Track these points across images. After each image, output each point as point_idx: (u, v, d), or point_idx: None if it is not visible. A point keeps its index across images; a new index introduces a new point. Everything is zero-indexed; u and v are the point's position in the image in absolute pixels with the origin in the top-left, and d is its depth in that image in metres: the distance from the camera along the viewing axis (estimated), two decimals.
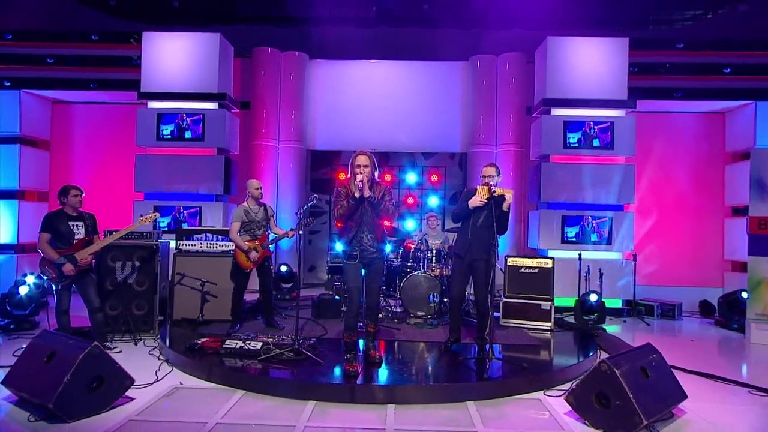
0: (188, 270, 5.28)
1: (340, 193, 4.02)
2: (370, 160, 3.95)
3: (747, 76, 7.16)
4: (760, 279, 5.48)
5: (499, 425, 3.20)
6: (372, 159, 3.98)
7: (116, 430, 3.01)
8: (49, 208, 7.48)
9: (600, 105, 7.03)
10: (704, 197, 7.87)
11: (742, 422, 3.40)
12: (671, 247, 7.86)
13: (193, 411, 3.34)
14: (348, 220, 3.98)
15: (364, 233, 3.95)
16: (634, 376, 3.17)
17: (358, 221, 3.94)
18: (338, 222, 4.39)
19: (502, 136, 8.15)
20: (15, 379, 3.31)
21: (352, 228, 3.96)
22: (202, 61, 7.05)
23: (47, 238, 4.27)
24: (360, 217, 3.94)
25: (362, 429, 3.15)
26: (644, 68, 7.27)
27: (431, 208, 8.11)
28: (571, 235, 6.95)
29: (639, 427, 2.98)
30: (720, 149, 7.89)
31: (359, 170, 3.89)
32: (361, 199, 3.88)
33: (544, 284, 5.63)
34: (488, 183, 4.25)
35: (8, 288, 5.42)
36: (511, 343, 4.82)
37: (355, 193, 3.89)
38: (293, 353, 4.10)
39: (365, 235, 3.96)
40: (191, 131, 7.01)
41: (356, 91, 8.52)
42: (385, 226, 4.24)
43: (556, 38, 7.16)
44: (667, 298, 7.08)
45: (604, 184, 6.91)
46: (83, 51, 7.16)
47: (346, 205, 3.94)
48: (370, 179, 3.95)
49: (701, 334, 6.10)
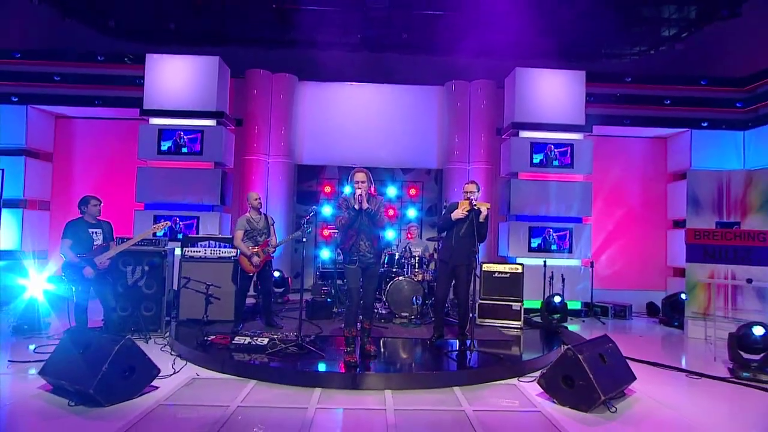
0: (193, 274, 5.49)
1: (341, 206, 4.39)
2: (367, 176, 4.33)
3: (683, 107, 7.89)
4: (696, 282, 6.13)
5: (482, 405, 3.61)
6: (368, 175, 4.36)
7: (149, 412, 3.28)
8: (50, 217, 7.53)
9: (562, 129, 7.65)
10: (650, 211, 8.48)
11: (680, 399, 3.94)
12: (623, 255, 8.42)
13: (214, 397, 3.62)
14: (348, 229, 4.31)
15: (362, 241, 4.29)
16: (594, 360, 3.65)
17: (356, 230, 4.28)
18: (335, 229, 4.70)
19: (475, 155, 8.55)
20: (52, 369, 3.52)
21: (351, 236, 4.29)
22: (202, 82, 7.31)
23: (69, 244, 4.47)
24: (358, 226, 4.28)
25: (366, 409, 3.51)
26: (599, 98, 7.91)
27: (410, 220, 8.47)
28: (537, 244, 7.50)
29: (597, 402, 3.46)
30: (663, 169, 8.55)
31: (358, 186, 4.26)
32: (359, 210, 4.26)
33: (515, 288, 6.14)
34: (469, 198, 4.73)
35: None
36: (487, 339, 5.23)
37: (354, 205, 4.28)
38: (297, 348, 4.44)
39: (363, 243, 4.29)
40: (189, 146, 7.23)
41: (341, 110, 8.82)
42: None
43: (523, 69, 7.77)
44: (620, 300, 7.62)
45: (566, 199, 7.49)
46: (89, 70, 7.30)
47: (347, 216, 4.30)
48: (368, 193, 4.34)
49: (648, 331, 6.69)
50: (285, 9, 8.82)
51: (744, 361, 4.39)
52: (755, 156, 7.58)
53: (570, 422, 3.30)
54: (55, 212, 7.66)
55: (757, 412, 3.71)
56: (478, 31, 8.84)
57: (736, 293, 5.79)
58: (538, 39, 8.62)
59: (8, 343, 5.01)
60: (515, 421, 3.42)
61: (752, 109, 7.71)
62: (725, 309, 5.76)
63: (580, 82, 7.72)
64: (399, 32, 9.61)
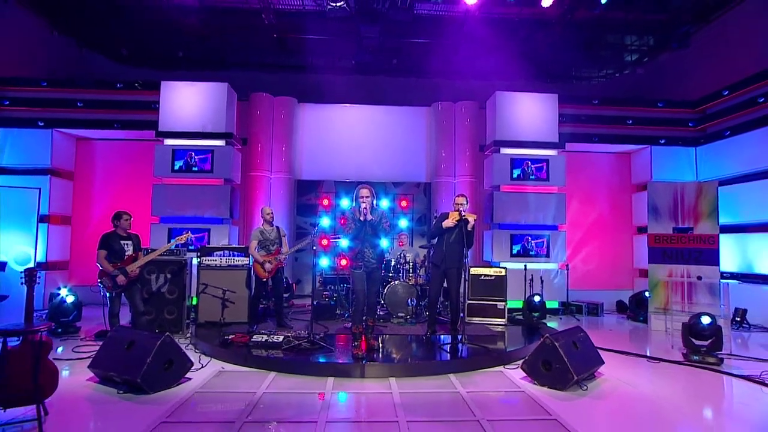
0: (210, 281, 5.88)
1: (349, 218, 4.83)
2: (370, 191, 4.76)
3: (644, 126, 8.49)
4: (657, 281, 6.71)
5: (474, 388, 4.07)
6: (372, 190, 4.80)
7: (188, 398, 3.67)
8: (72, 231, 7.81)
9: (538, 146, 8.20)
10: (617, 219, 9.01)
11: (641, 380, 4.43)
12: (594, 259, 8.90)
13: (241, 386, 4.02)
14: (355, 239, 4.77)
15: (366, 248, 4.74)
16: (568, 347, 4.15)
17: (362, 239, 4.73)
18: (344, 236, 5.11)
19: (460, 169, 9.03)
20: (100, 363, 3.90)
21: (357, 245, 4.74)
22: (212, 106, 7.71)
23: (104, 255, 4.85)
24: (363, 236, 4.74)
25: (375, 393, 3.93)
26: (570, 118, 8.45)
27: (401, 230, 8.92)
28: (518, 250, 8.02)
29: (571, 382, 3.96)
30: (628, 181, 9.11)
31: (363, 200, 4.72)
32: (364, 221, 4.72)
33: (499, 289, 6.64)
34: (459, 209, 5.23)
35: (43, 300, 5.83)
36: (475, 334, 5.68)
37: (360, 217, 4.73)
38: (309, 344, 4.85)
39: (367, 250, 4.74)
40: (199, 165, 7.61)
41: (337, 129, 9.23)
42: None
43: (503, 93, 8.33)
44: (592, 299, 8.11)
45: (542, 209, 8.01)
46: (109, 96, 7.65)
47: (354, 227, 4.74)
48: (371, 206, 4.78)
49: (617, 326, 7.21)
50: (285, 37, 9.35)
51: (695, 347, 4.94)
52: (705, 169, 8.23)
53: (548, 399, 3.78)
54: (76, 226, 7.96)
55: (703, 388, 4.24)
56: (461, 56, 9.45)
57: (691, 289, 6.37)
58: (516, 63, 9.19)
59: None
60: (503, 400, 3.88)
61: (702, 128, 8.38)
62: (682, 303, 6.33)
63: (554, 104, 8.31)
64: (390, 58, 10.20)
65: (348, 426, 3.31)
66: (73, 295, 5.64)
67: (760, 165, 7.07)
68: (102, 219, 7.89)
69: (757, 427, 3.39)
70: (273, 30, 8.99)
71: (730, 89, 7.69)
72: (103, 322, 4.99)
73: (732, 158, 7.65)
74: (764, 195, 6.99)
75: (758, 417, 3.57)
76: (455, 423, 3.33)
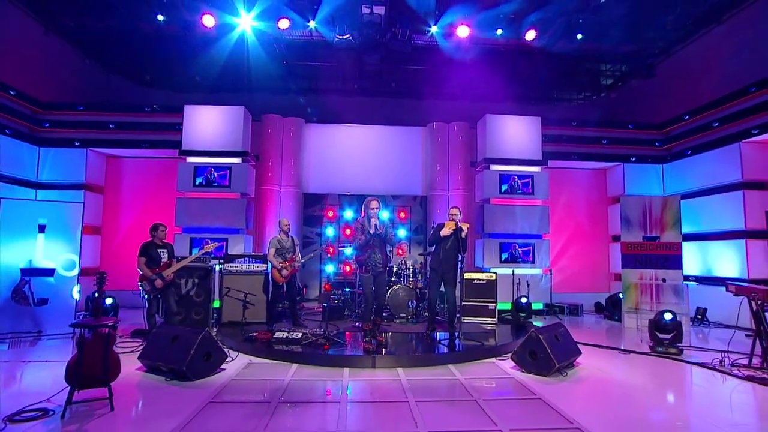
0: (232, 285, 6.33)
1: (358, 228, 5.26)
2: (378, 203, 5.22)
3: (617, 146, 9.11)
4: (630, 284, 7.25)
5: (470, 375, 4.54)
6: (379, 202, 5.28)
7: (226, 384, 4.11)
8: (102, 240, 8.21)
9: (523, 163, 8.75)
10: (595, 228, 9.57)
11: (613, 368, 4.94)
12: (575, 264, 9.42)
13: (269, 375, 4.46)
14: (364, 247, 5.19)
15: (375, 254, 5.21)
16: (551, 339, 4.65)
17: (371, 246, 5.19)
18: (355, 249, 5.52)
19: (453, 183, 9.48)
20: (148, 354, 4.33)
21: (367, 252, 5.19)
22: (230, 127, 8.20)
23: (144, 261, 5.29)
24: (372, 245, 5.20)
25: (386, 380, 4.39)
26: (552, 138, 9.04)
27: (400, 239, 9.37)
28: (506, 257, 8.54)
29: (553, 369, 4.45)
30: (604, 195, 9.70)
31: (373, 210, 5.16)
32: (373, 233, 5.18)
33: (490, 291, 7.16)
34: (454, 219, 5.73)
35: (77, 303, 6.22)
36: (470, 331, 6.15)
37: (369, 230, 5.16)
38: (325, 339, 5.32)
39: (375, 256, 5.21)
40: (218, 181, 8.07)
41: (341, 147, 9.69)
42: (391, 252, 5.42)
43: (492, 115, 8.90)
44: (573, 300, 8.59)
45: (528, 220, 8.53)
46: (138, 119, 8.12)
47: (363, 237, 5.15)
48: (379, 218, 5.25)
49: (595, 325, 7.72)
50: (294, 64, 9.91)
51: (659, 339, 5.49)
52: (671, 184, 8.86)
53: (534, 383, 4.27)
54: (105, 236, 8.37)
55: (665, 374, 4.76)
56: (453, 81, 10.04)
57: (658, 291, 6.93)
58: (503, 87, 9.79)
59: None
60: (495, 384, 4.37)
61: (667, 148, 9.03)
62: (650, 303, 6.89)
63: (537, 126, 8.91)
64: (389, 82, 10.81)
65: (366, 405, 3.77)
66: (111, 298, 6.04)
67: (717, 181, 7.71)
68: (129, 229, 8.32)
69: (707, 405, 3.92)
70: (283, 57, 9.56)
71: (690, 114, 8.36)
72: (136, 322, 5.40)
73: (693, 175, 8.29)
74: (721, 207, 7.62)
75: (710, 396, 4.11)
76: (456, 402, 3.81)
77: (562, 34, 8.35)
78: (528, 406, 3.72)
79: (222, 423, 3.27)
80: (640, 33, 8.47)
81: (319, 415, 3.53)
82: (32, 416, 3.22)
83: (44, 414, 3.27)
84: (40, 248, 5.64)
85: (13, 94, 7.11)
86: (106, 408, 3.42)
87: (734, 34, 7.80)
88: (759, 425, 3.45)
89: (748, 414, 3.67)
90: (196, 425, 3.20)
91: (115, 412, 3.38)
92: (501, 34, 8.26)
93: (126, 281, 6.51)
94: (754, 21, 7.43)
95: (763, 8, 7.28)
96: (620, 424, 3.37)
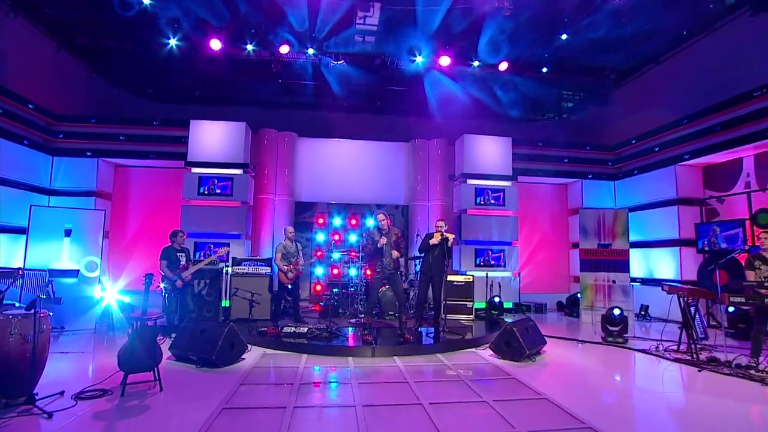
0: (240, 285, 6.79)
1: (367, 238, 5.87)
2: (385, 216, 5.89)
3: (576, 164, 10.09)
4: (586, 285, 8.19)
5: (456, 361, 5.24)
6: (386, 214, 5.93)
7: (251, 370, 4.63)
8: (109, 244, 8.45)
9: (496, 178, 9.55)
10: (557, 236, 10.50)
11: (571, 355, 5.77)
12: (540, 268, 10.28)
13: (285, 363, 5.01)
14: (375, 253, 5.81)
15: (385, 259, 5.80)
16: (522, 331, 5.39)
17: (381, 252, 5.77)
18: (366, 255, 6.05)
19: (433, 195, 10.16)
20: (178, 345, 4.81)
21: (378, 256, 5.80)
22: (232, 141, 8.63)
23: (166, 264, 5.73)
24: (381, 251, 5.78)
25: (386, 366, 5.01)
26: (521, 156, 9.90)
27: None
28: (481, 261, 9.32)
29: (524, 355, 5.19)
30: (565, 207, 10.65)
31: (381, 222, 5.79)
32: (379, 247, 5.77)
33: (468, 292, 7.91)
34: (440, 230, 6.43)
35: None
36: (451, 327, 6.79)
37: (378, 239, 5.76)
38: (328, 333, 5.90)
39: (386, 260, 5.80)
40: (221, 190, 8.48)
41: (330, 160, 10.22)
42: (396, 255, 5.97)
43: (469, 135, 9.69)
44: (538, 300, 9.45)
45: (500, 228, 9.33)
46: (147, 131, 8.44)
47: (372, 247, 5.78)
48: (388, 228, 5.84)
49: (557, 321, 8.59)
50: (288, 82, 10.43)
51: (609, 331, 6.37)
52: (621, 199, 9.91)
53: (508, 367, 5.00)
54: (112, 240, 8.60)
55: (613, 358, 5.61)
56: (434, 101, 10.78)
57: (610, 291, 7.89)
58: (478, 107, 10.62)
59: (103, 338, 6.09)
60: (475, 368, 5.07)
61: (619, 167, 10.11)
62: (603, 301, 7.83)
63: (508, 145, 9.77)
64: (374, 101, 11.46)
65: (373, 385, 4.37)
66: (129, 297, 6.41)
67: (658, 197, 8.79)
68: (134, 233, 8.58)
69: (645, 380, 4.77)
70: (279, 76, 10.07)
71: (636, 139, 9.45)
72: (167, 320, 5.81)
73: (639, 191, 9.37)
74: (660, 219, 8.69)
75: (647, 374, 4.97)
76: (448, 382, 4.49)
77: (530, 65, 9.31)
78: (505, 384, 4.43)
79: (258, 398, 3.82)
80: (595, 68, 9.52)
81: (335, 392, 4.13)
82: (95, 395, 3.67)
83: (104, 393, 3.72)
84: (65, 251, 5.96)
85: (32, 107, 7.35)
86: (155, 388, 3.91)
87: (669, 74, 8.94)
88: (681, 393, 4.31)
89: (675, 386, 4.52)
90: (237, 400, 3.74)
91: (165, 392, 3.87)
92: (478, 65, 9.09)
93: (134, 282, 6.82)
94: (687, 62, 8.57)
95: (693, 53, 8.41)
96: (578, 394, 4.13)
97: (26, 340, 3.46)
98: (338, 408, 3.68)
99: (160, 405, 3.61)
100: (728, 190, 8.00)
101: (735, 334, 6.52)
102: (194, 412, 3.43)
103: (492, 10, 7.57)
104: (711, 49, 8.00)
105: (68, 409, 3.39)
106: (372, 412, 3.54)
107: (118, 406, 3.52)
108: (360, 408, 3.59)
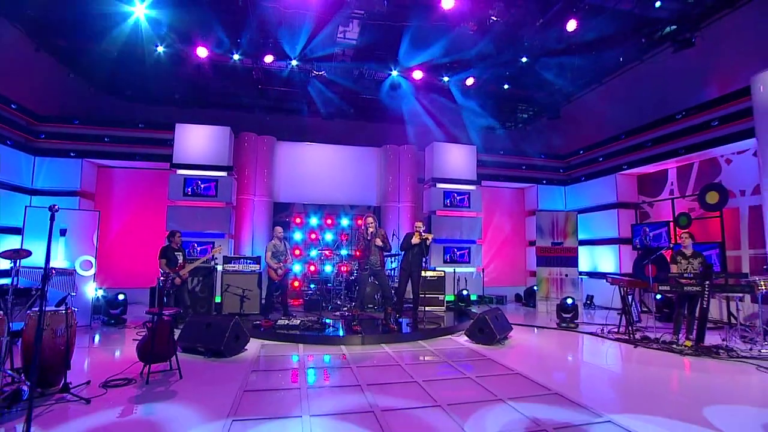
0: (232, 282, 7.04)
1: (359, 237, 6.34)
2: (374, 219, 6.38)
3: (532, 171, 11.07)
4: (542, 278, 9.10)
5: (436, 346, 5.82)
6: (375, 217, 6.40)
7: (257, 359, 4.97)
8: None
9: (462, 182, 10.30)
10: (516, 235, 11.41)
11: (532, 339, 6.55)
12: (501, 264, 11.10)
13: (285, 352, 5.37)
14: (365, 251, 6.29)
15: (373, 256, 6.28)
16: (494, 319, 6.06)
17: (368, 252, 6.27)
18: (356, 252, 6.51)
19: (403, 197, 10.74)
20: (185, 338, 5.04)
21: (366, 255, 6.26)
22: (217, 144, 8.75)
23: (164, 262, 5.90)
24: (369, 250, 6.28)
25: (377, 352, 5.50)
26: (484, 163, 10.72)
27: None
28: (449, 258, 10.01)
29: (495, 340, 5.87)
30: (522, 209, 11.60)
31: (370, 226, 6.27)
32: (369, 240, 6.26)
33: (440, 286, 8.56)
34: (419, 230, 6.99)
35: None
36: (428, 318, 7.46)
37: (367, 237, 6.24)
38: (320, 325, 6.30)
39: (372, 258, 6.28)
40: (205, 191, 8.60)
41: (307, 163, 10.55)
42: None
43: (438, 143, 10.38)
44: (500, 293, 10.27)
45: (466, 228, 10.08)
46: (132, 133, 8.34)
47: (363, 245, 6.26)
48: (375, 229, 6.35)
49: (515, 311, 9.40)
50: (267, 89, 10.61)
51: (563, 318, 7.24)
52: (571, 202, 11.01)
53: (483, 349, 5.66)
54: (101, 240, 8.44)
55: (566, 341, 6.45)
56: (405, 110, 11.37)
57: (562, 283, 8.84)
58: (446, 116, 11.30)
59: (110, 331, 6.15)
60: (455, 351, 5.68)
61: (568, 174, 11.20)
62: (556, 292, 8.76)
63: (473, 153, 10.54)
64: (349, 108, 11.86)
65: (370, 368, 4.85)
66: (123, 294, 6.46)
67: (601, 201, 9.90)
68: (118, 233, 8.48)
69: (592, 356, 5.59)
70: (259, 82, 10.24)
71: (583, 150, 10.54)
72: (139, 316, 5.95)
73: (586, 196, 10.46)
74: (604, 221, 9.80)
75: (593, 352, 5.81)
76: (434, 363, 5.06)
77: (493, 82, 10.10)
78: (482, 363, 5.07)
79: (272, 382, 4.20)
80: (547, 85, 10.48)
81: (339, 374, 4.57)
82: (122, 383, 3.90)
83: (129, 382, 3.96)
84: (60, 251, 5.93)
85: (15, 108, 7.12)
86: (174, 376, 4.18)
87: (611, 93, 10.05)
88: (621, 365, 5.15)
89: (615, 360, 5.37)
90: (254, 383, 4.10)
91: (185, 379, 4.15)
92: (447, 81, 9.76)
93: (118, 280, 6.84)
94: (625, 85, 9.68)
95: (631, 77, 9.53)
96: (541, 369, 4.84)
97: (56, 333, 3.65)
98: (346, 387, 4.13)
99: (186, 389, 3.90)
100: (656, 196, 9.19)
101: (661, 317, 7.59)
102: (219, 394, 3.76)
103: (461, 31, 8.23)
104: (644, 74, 9.12)
105: (100, 396, 3.62)
106: (379, 389, 4.03)
107: (147, 392, 3.78)
108: (365, 386, 4.07)
